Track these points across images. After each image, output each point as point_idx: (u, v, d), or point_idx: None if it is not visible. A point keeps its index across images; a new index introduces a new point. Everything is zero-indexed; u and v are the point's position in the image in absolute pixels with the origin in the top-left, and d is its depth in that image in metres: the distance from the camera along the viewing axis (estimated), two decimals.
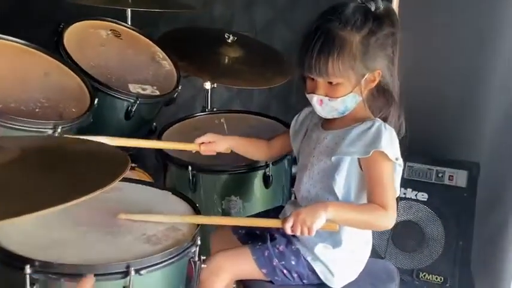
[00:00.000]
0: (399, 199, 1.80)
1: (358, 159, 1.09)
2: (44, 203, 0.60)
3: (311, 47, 1.04)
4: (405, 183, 1.79)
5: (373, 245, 1.75)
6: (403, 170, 1.75)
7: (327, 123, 1.18)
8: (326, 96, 1.08)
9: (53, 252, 0.93)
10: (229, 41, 1.83)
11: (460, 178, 1.78)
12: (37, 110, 1.20)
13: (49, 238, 0.97)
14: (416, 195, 1.80)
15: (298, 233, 1.01)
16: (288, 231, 1.02)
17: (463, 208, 1.75)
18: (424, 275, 1.76)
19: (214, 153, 1.31)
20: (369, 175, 1.08)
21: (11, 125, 1.08)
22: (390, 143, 1.08)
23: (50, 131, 1.15)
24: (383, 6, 1.09)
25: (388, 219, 1.05)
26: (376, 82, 1.10)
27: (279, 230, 1.12)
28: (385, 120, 1.13)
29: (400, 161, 1.10)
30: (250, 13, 2.27)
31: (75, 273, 0.91)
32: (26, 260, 0.89)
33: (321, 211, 1.01)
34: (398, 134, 1.13)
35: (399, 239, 1.79)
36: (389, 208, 1.04)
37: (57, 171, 0.72)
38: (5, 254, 0.90)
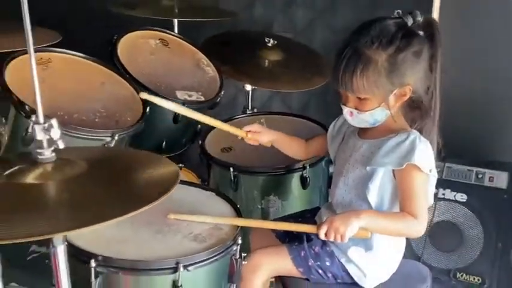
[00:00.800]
0: (437, 199, 1.82)
1: (393, 169, 1.13)
2: (109, 215, 0.72)
3: (339, 63, 1.09)
4: (443, 183, 1.80)
5: (410, 244, 1.81)
6: (442, 171, 1.79)
7: (363, 132, 1.22)
8: (355, 109, 1.13)
9: (113, 248, 1.07)
10: (270, 44, 1.89)
11: (500, 179, 1.76)
12: (96, 119, 1.34)
13: (109, 235, 1.10)
14: (455, 196, 1.81)
15: (331, 239, 1.08)
16: (322, 237, 1.09)
17: (503, 210, 1.74)
18: (462, 275, 1.78)
19: (257, 143, 1.37)
20: (402, 186, 1.12)
21: (75, 135, 1.22)
22: (424, 155, 1.10)
23: (108, 139, 1.28)
24: (422, 18, 1.10)
25: (418, 228, 1.09)
26: (407, 96, 1.13)
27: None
28: (421, 131, 1.15)
29: (434, 172, 1.12)
30: (290, 14, 2.32)
31: (132, 267, 1.04)
32: (91, 255, 1.02)
33: (354, 219, 1.06)
34: (432, 144, 1.14)
35: (437, 239, 1.81)
36: (420, 217, 1.08)
37: (117, 184, 0.84)
38: (74, 249, 1.03)
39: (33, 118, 1.15)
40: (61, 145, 0.81)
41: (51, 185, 0.80)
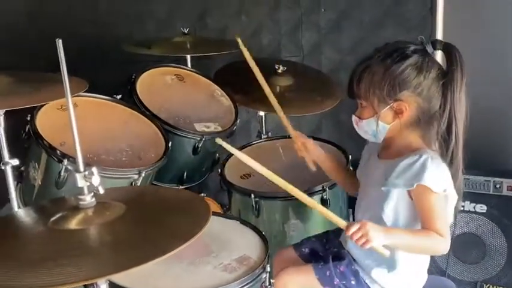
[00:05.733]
0: (457, 212, 1.83)
1: (407, 190, 1.15)
2: (150, 255, 0.76)
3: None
4: (462, 195, 1.81)
5: (434, 259, 1.81)
6: None
7: (382, 152, 1.26)
8: (359, 117, 1.19)
9: (150, 284, 1.11)
10: (280, 71, 1.95)
11: None
12: (123, 158, 1.39)
13: (144, 271, 1.13)
14: (474, 207, 1.82)
15: (354, 239, 1.07)
16: (348, 233, 1.08)
17: None
18: (488, 287, 1.78)
19: (306, 155, 1.40)
20: (419, 207, 1.14)
21: (105, 175, 1.28)
22: (435, 175, 1.12)
23: (136, 176, 1.34)
24: (441, 46, 1.13)
25: (444, 245, 1.12)
26: (405, 114, 1.14)
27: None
28: (442, 153, 1.14)
29: (449, 191, 1.14)
30: (296, 38, 2.39)
31: None
32: None
33: (382, 235, 1.08)
34: (454, 166, 1.14)
35: (460, 251, 1.82)
36: (444, 234, 1.10)
37: (154, 223, 0.88)
38: (114, 287, 1.08)
39: (65, 162, 1.22)
40: (101, 190, 0.86)
41: (93, 229, 0.86)
